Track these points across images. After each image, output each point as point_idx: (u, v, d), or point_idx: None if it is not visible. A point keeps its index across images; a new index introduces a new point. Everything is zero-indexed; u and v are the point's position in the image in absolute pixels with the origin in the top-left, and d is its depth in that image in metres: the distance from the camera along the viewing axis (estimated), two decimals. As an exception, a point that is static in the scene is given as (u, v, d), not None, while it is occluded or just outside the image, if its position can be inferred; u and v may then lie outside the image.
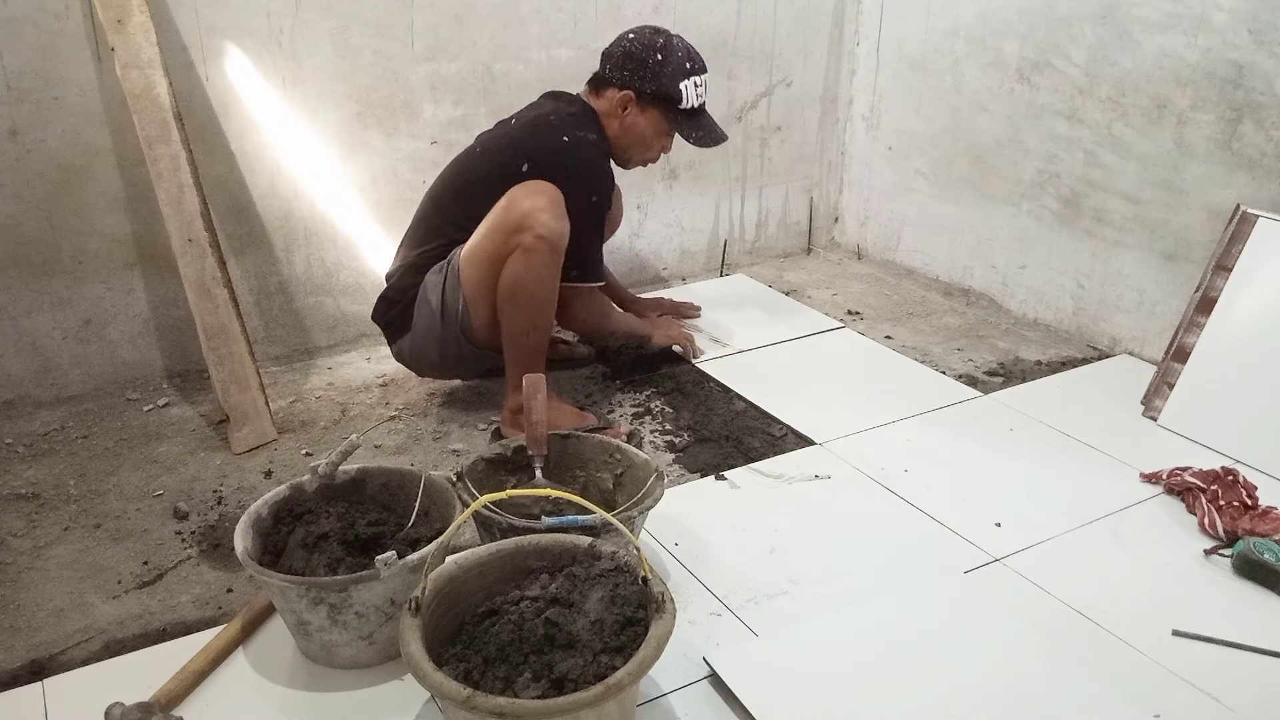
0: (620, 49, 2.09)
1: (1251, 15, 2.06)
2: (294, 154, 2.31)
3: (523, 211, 1.88)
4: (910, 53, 2.88)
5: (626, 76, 2.07)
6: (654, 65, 2.06)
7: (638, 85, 2.07)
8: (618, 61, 2.08)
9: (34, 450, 2.00)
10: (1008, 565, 1.64)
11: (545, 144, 2.02)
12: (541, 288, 1.92)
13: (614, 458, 1.67)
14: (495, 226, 1.92)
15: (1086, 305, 2.54)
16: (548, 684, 1.17)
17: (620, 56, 2.08)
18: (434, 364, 2.12)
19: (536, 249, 1.87)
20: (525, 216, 1.87)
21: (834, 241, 3.32)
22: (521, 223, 1.87)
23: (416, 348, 2.07)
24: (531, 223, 1.87)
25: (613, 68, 2.09)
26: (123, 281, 2.21)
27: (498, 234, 1.91)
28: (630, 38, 2.09)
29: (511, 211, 1.90)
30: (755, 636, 1.47)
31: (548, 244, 1.88)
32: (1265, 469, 1.89)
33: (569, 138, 2.02)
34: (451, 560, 1.32)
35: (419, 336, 2.05)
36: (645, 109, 2.10)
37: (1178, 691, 1.36)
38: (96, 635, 1.47)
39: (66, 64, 2.02)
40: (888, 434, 2.07)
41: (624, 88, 2.08)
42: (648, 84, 2.07)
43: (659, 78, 2.07)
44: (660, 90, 2.07)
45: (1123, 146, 2.36)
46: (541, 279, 1.91)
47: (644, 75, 2.06)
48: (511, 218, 1.89)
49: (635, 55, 2.06)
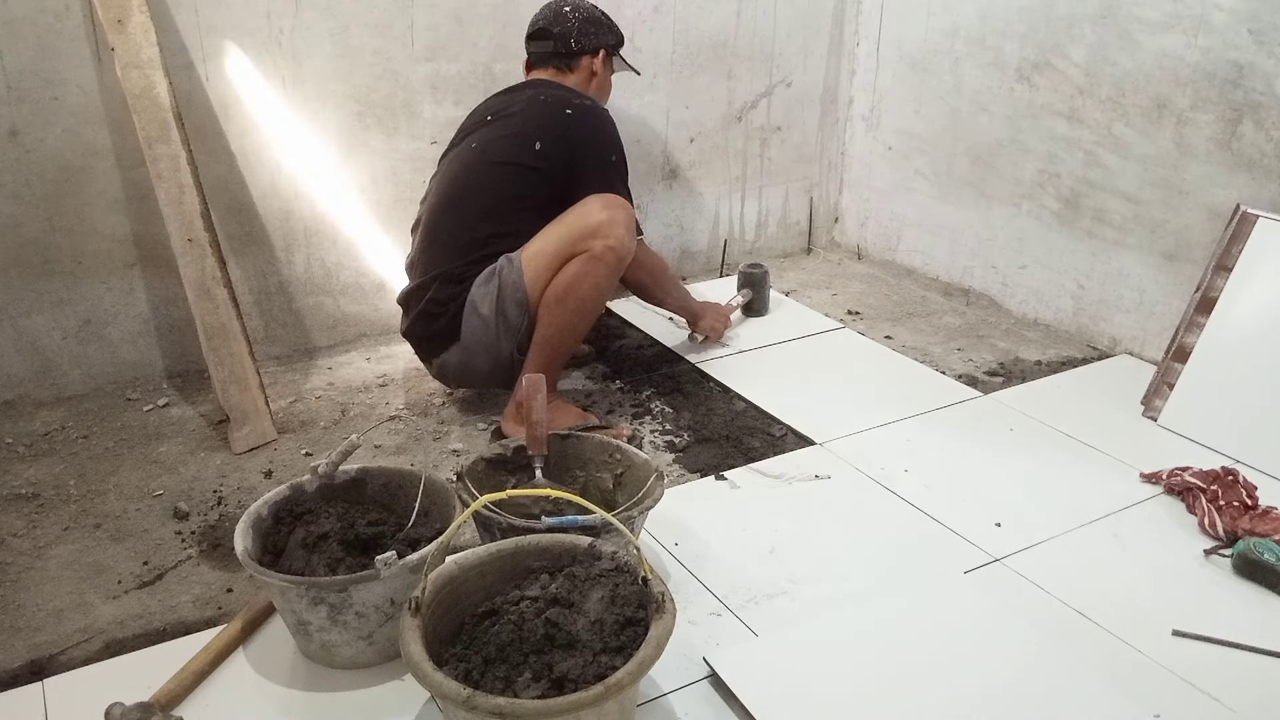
0: (575, 20, 2.18)
1: (1251, 15, 2.06)
2: (294, 154, 2.31)
3: (600, 220, 1.91)
4: (910, 53, 2.88)
5: (594, 40, 2.19)
6: (606, 20, 2.23)
7: (606, 42, 2.21)
8: (580, 30, 2.18)
9: (34, 450, 2.00)
10: (1008, 565, 1.64)
11: (549, 121, 2.04)
12: (595, 294, 1.93)
13: (614, 458, 1.67)
14: (568, 230, 1.93)
15: (1086, 305, 2.54)
16: (548, 684, 1.17)
17: (580, 24, 2.18)
18: (483, 375, 2.06)
19: (604, 258, 1.90)
20: (602, 225, 1.91)
21: (834, 241, 3.32)
22: (597, 230, 1.91)
23: (465, 360, 2.02)
24: (607, 232, 1.90)
25: (579, 37, 2.18)
26: (123, 281, 2.21)
27: (569, 237, 1.93)
28: (567, 9, 2.18)
29: (587, 219, 1.92)
30: (755, 636, 1.47)
31: (616, 256, 1.91)
32: (1265, 469, 1.90)
33: (570, 109, 2.06)
34: (451, 560, 1.32)
35: (470, 349, 2.00)
36: (607, 61, 2.23)
37: (1178, 691, 1.36)
38: (96, 635, 1.47)
39: (66, 64, 2.02)
40: (888, 434, 2.07)
41: (598, 49, 2.20)
42: (609, 37, 2.22)
43: (614, 29, 2.24)
44: (619, 39, 2.25)
45: (1123, 146, 2.36)
46: (599, 287, 1.93)
47: (605, 32, 2.22)
48: (587, 225, 1.92)
49: (591, 19, 2.20)
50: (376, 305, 2.53)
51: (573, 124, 2.04)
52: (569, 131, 2.02)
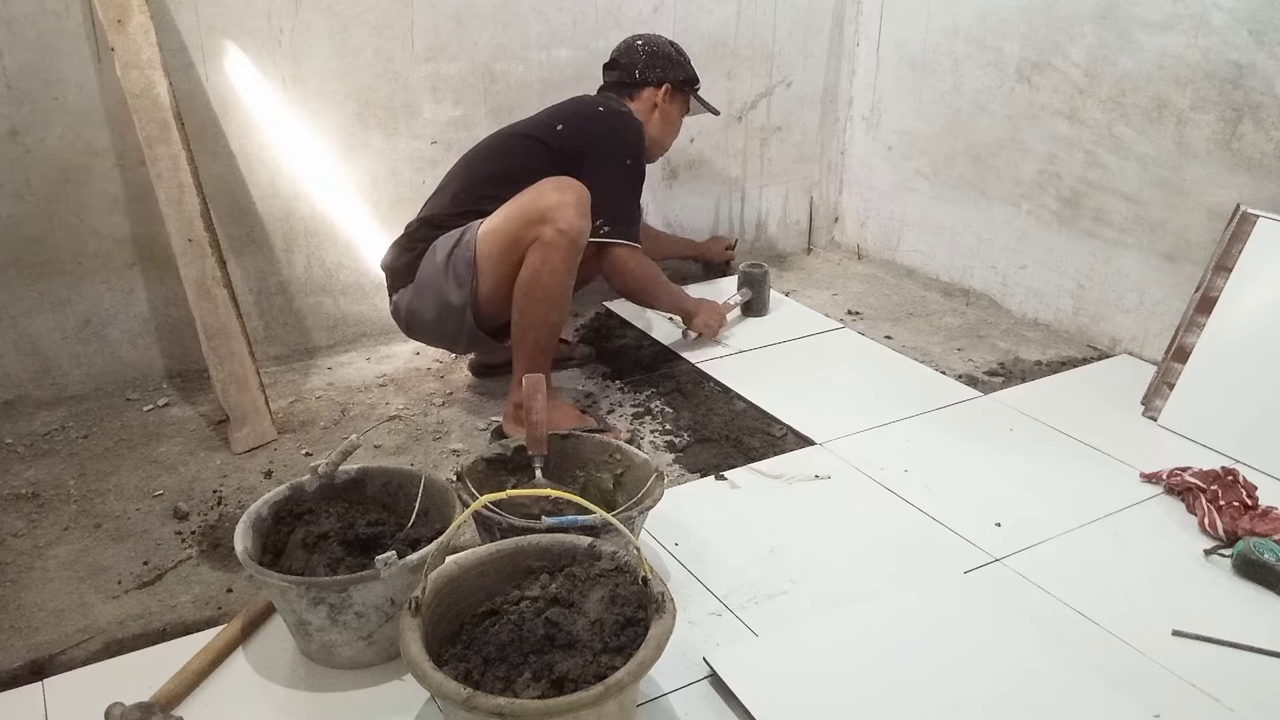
0: (643, 52, 2.31)
1: (1251, 15, 2.06)
2: (294, 154, 2.31)
3: (548, 204, 1.89)
4: (910, 53, 2.88)
5: (661, 72, 2.31)
6: (677, 57, 2.33)
7: (673, 76, 2.31)
8: (647, 62, 2.30)
9: (34, 450, 2.00)
10: (1008, 565, 1.64)
11: (580, 110, 2.19)
12: (557, 282, 1.92)
13: (614, 458, 1.67)
14: (518, 212, 1.93)
15: (1086, 305, 2.54)
16: (548, 684, 1.17)
17: (647, 57, 2.30)
18: (426, 325, 2.07)
19: (556, 244, 1.88)
20: (550, 209, 1.88)
21: (834, 241, 3.32)
22: (545, 215, 1.88)
23: (414, 301, 2.04)
24: (555, 216, 1.88)
25: (644, 69, 2.30)
26: (123, 281, 2.21)
27: (519, 220, 1.92)
28: (640, 43, 2.32)
29: (538, 202, 1.91)
30: (755, 636, 1.47)
31: (568, 239, 1.89)
32: (1265, 469, 1.89)
33: (603, 107, 2.22)
34: (451, 560, 1.32)
35: (418, 291, 2.02)
36: (676, 97, 2.34)
37: (1178, 691, 1.36)
38: (96, 635, 1.47)
39: (66, 64, 2.02)
40: (888, 434, 2.07)
41: (663, 82, 2.30)
42: (679, 73, 2.33)
43: (685, 67, 2.34)
44: (688, 76, 2.35)
45: (1123, 147, 2.36)
46: (558, 273, 1.91)
47: (673, 67, 2.32)
48: (537, 207, 1.90)
49: (660, 53, 2.31)
50: (376, 305, 2.53)
51: (600, 119, 2.15)
52: (594, 124, 2.14)
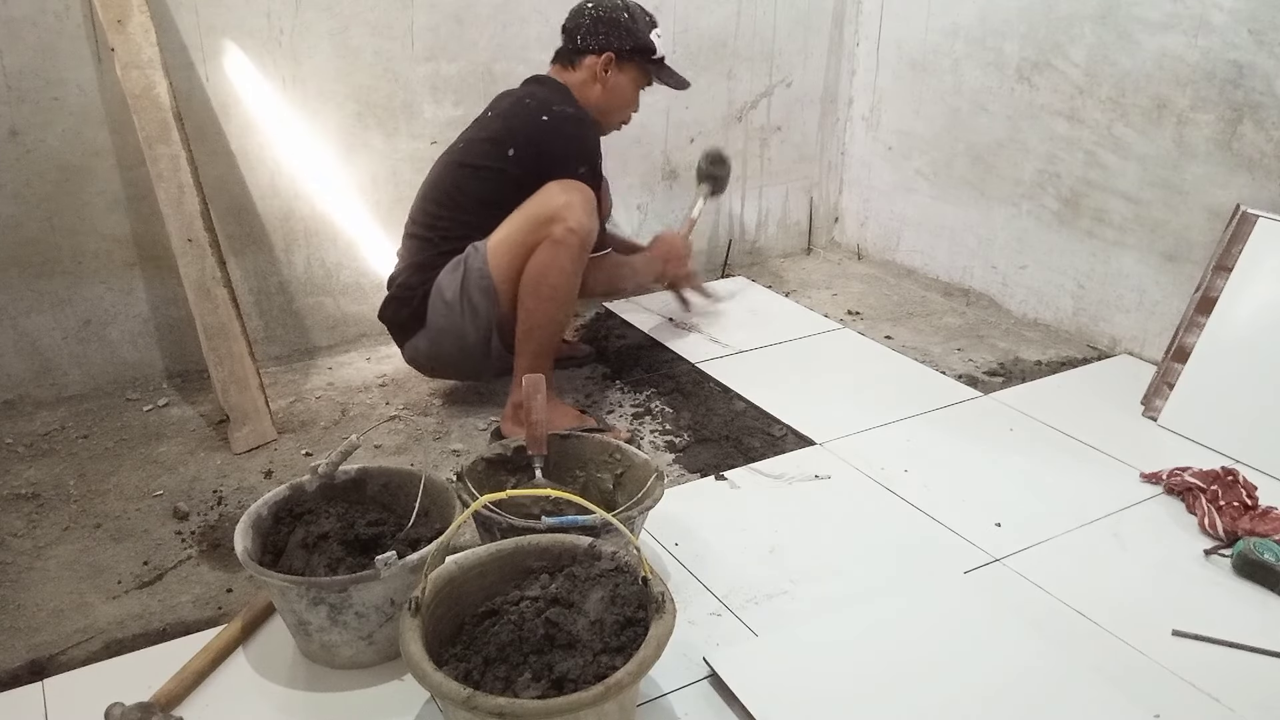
0: (588, 17, 2.12)
1: (1251, 15, 2.06)
2: (294, 154, 2.31)
3: (558, 205, 1.90)
4: (910, 53, 2.88)
5: (604, 40, 2.11)
6: (626, 23, 2.12)
7: (616, 45, 2.12)
8: (589, 29, 2.12)
9: (34, 450, 2.00)
10: (1008, 565, 1.64)
11: (524, 125, 2.03)
12: (565, 280, 1.93)
13: (614, 458, 1.67)
14: (527, 217, 1.93)
15: (1086, 305, 2.54)
16: (548, 684, 1.17)
17: (591, 23, 2.12)
18: (452, 361, 2.09)
19: (566, 242, 1.89)
20: (561, 209, 1.90)
21: (834, 241, 3.32)
22: (555, 215, 1.90)
23: (433, 345, 2.05)
24: (565, 215, 1.89)
25: (585, 36, 2.12)
26: (123, 281, 2.21)
27: (529, 224, 1.92)
28: (590, 6, 2.14)
29: (546, 205, 1.92)
30: (755, 636, 1.47)
31: (578, 239, 1.90)
32: (1265, 469, 1.90)
33: (547, 115, 2.03)
34: (451, 560, 1.32)
35: (436, 334, 2.03)
36: (624, 67, 2.14)
37: (1178, 691, 1.36)
38: (96, 635, 1.47)
39: (66, 64, 2.02)
40: (888, 434, 2.07)
41: (603, 51, 2.11)
42: (625, 41, 2.12)
43: (634, 34, 2.13)
44: (637, 45, 2.13)
45: (1123, 146, 2.36)
46: (566, 272, 1.92)
47: (620, 35, 2.12)
48: (546, 210, 1.91)
49: (606, 19, 2.12)
50: (376, 305, 2.50)
51: (546, 131, 2.01)
52: (541, 139, 2.00)
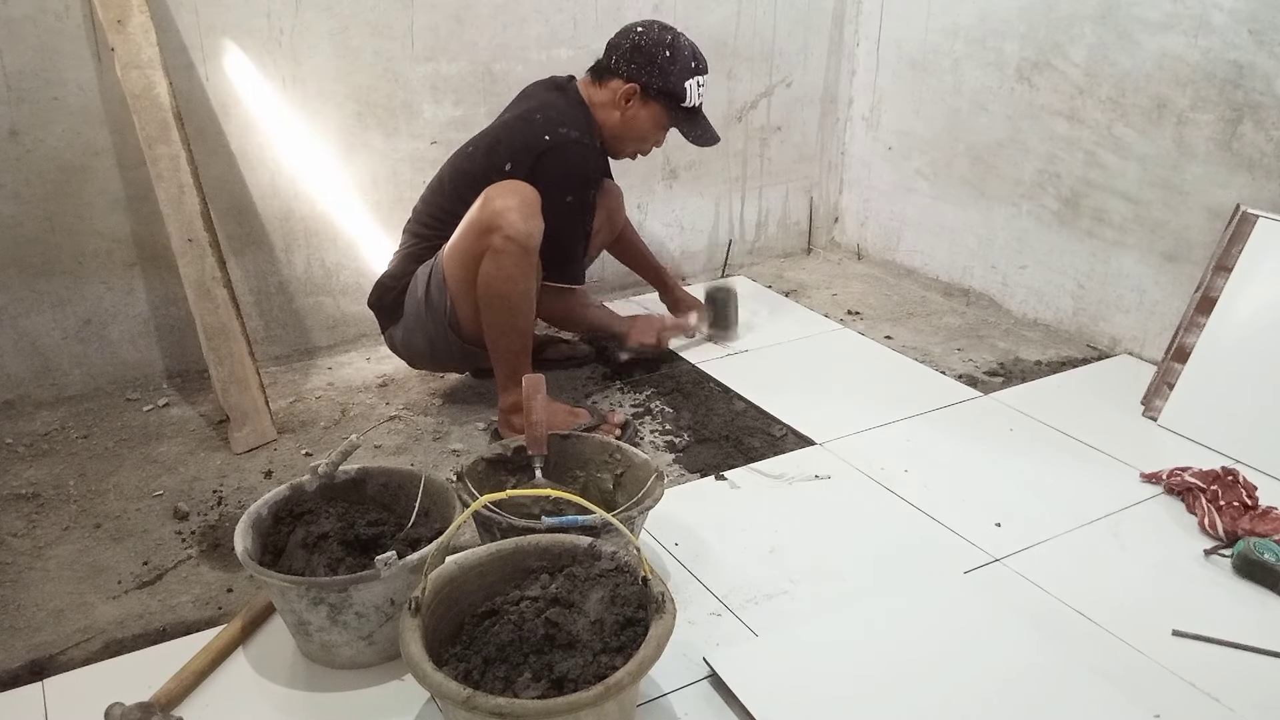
0: (629, 42, 2.06)
1: (1251, 15, 2.06)
2: (294, 154, 2.31)
3: (493, 211, 1.88)
4: (910, 53, 2.88)
5: (634, 70, 2.05)
6: (662, 62, 2.05)
7: (644, 80, 2.05)
8: (626, 54, 2.05)
9: (34, 450, 2.00)
10: (1008, 565, 1.64)
11: (524, 142, 2.00)
12: (513, 288, 1.90)
13: (614, 458, 1.67)
14: (470, 225, 1.93)
15: (1086, 305, 2.54)
16: (548, 684, 1.17)
17: (629, 50, 2.05)
18: (422, 354, 2.14)
19: (505, 250, 1.87)
20: (495, 216, 1.87)
21: (834, 241, 3.32)
22: (491, 222, 1.87)
23: (405, 336, 2.11)
24: (500, 223, 1.86)
25: (620, 60, 2.06)
26: (123, 281, 2.21)
27: (472, 233, 1.92)
28: (639, 31, 2.07)
29: (484, 211, 1.90)
30: (755, 636, 1.47)
31: (516, 245, 1.86)
32: (1265, 469, 1.90)
33: (550, 136, 1.99)
34: (451, 560, 1.32)
35: (407, 325, 2.09)
36: (647, 103, 2.08)
37: (1178, 691, 1.36)
38: (96, 635, 1.47)
39: (66, 64, 2.02)
40: (888, 434, 2.07)
41: (630, 80, 2.05)
42: (654, 80, 2.05)
43: (666, 75, 2.05)
44: (666, 87, 2.06)
45: (1123, 146, 2.36)
46: (512, 279, 1.89)
47: (651, 71, 2.05)
48: (484, 217, 1.90)
49: (644, 50, 2.05)
50: (376, 305, 2.53)
51: (543, 155, 1.98)
52: (538, 162, 1.97)
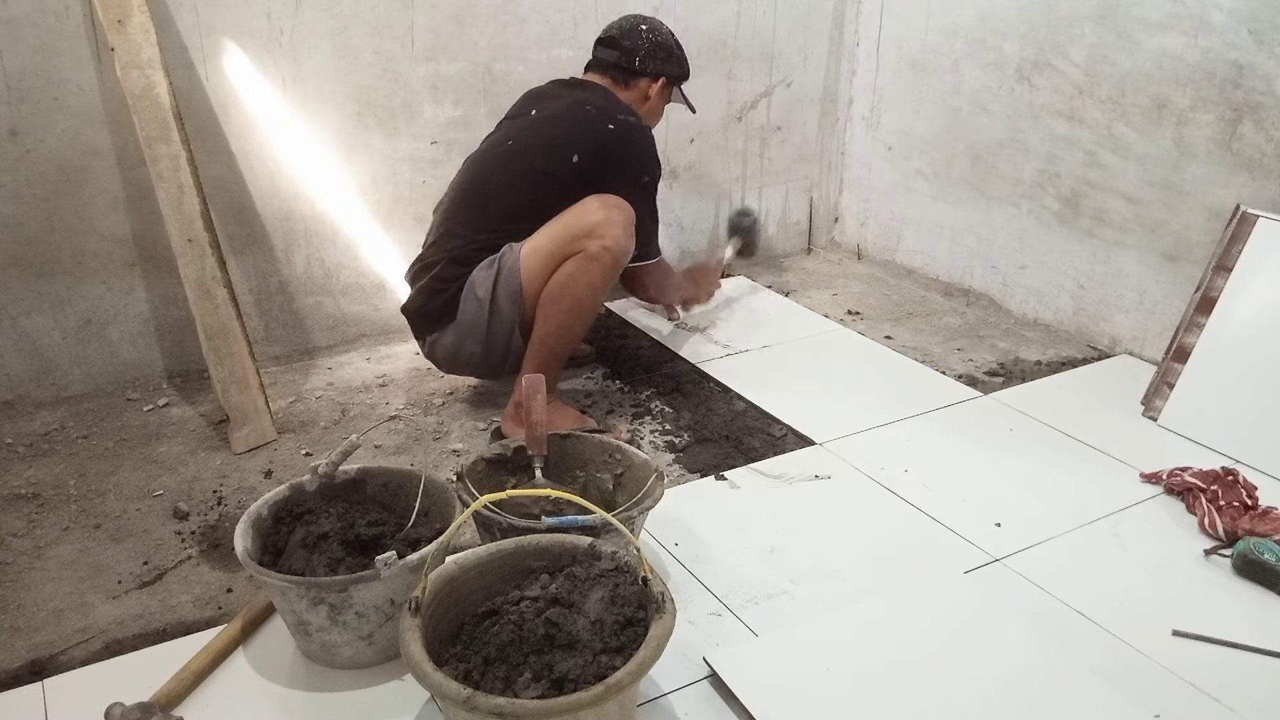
0: (645, 41, 2.19)
1: (1251, 15, 2.06)
2: (294, 154, 2.31)
3: (597, 220, 1.91)
4: (910, 53, 2.88)
5: (660, 66, 2.21)
6: (677, 51, 2.25)
7: (669, 71, 2.23)
8: (649, 53, 2.19)
9: (34, 450, 2.00)
10: (1008, 565, 1.64)
11: (591, 133, 2.04)
12: (591, 295, 1.93)
13: (614, 458, 1.67)
14: (566, 228, 1.93)
15: (1086, 305, 2.54)
16: (548, 684, 1.17)
17: (650, 48, 2.19)
18: (472, 358, 2.06)
19: (600, 258, 1.90)
20: (599, 225, 1.91)
21: (834, 241, 3.32)
22: (593, 230, 1.91)
23: (457, 341, 2.03)
24: (603, 232, 1.90)
25: (645, 58, 2.19)
26: (123, 281, 2.21)
27: (566, 235, 1.93)
28: (644, 29, 2.20)
29: (585, 218, 1.92)
30: (755, 636, 1.47)
31: (612, 256, 1.91)
32: (1265, 469, 1.90)
33: (614, 124, 2.06)
34: (451, 560, 1.32)
35: (462, 330, 2.01)
36: (664, 91, 2.25)
37: (1178, 691, 1.36)
38: (96, 635, 1.47)
39: (66, 64, 2.02)
40: (888, 434, 2.07)
41: (658, 76, 2.21)
42: (675, 69, 2.24)
43: (682, 64, 2.27)
44: (683, 72, 2.28)
45: (1123, 146, 2.36)
46: (595, 288, 1.93)
47: (671, 62, 2.23)
48: (584, 224, 1.92)
49: (662, 45, 2.21)
50: (376, 305, 2.53)
51: (614, 140, 2.04)
52: (608, 147, 2.03)
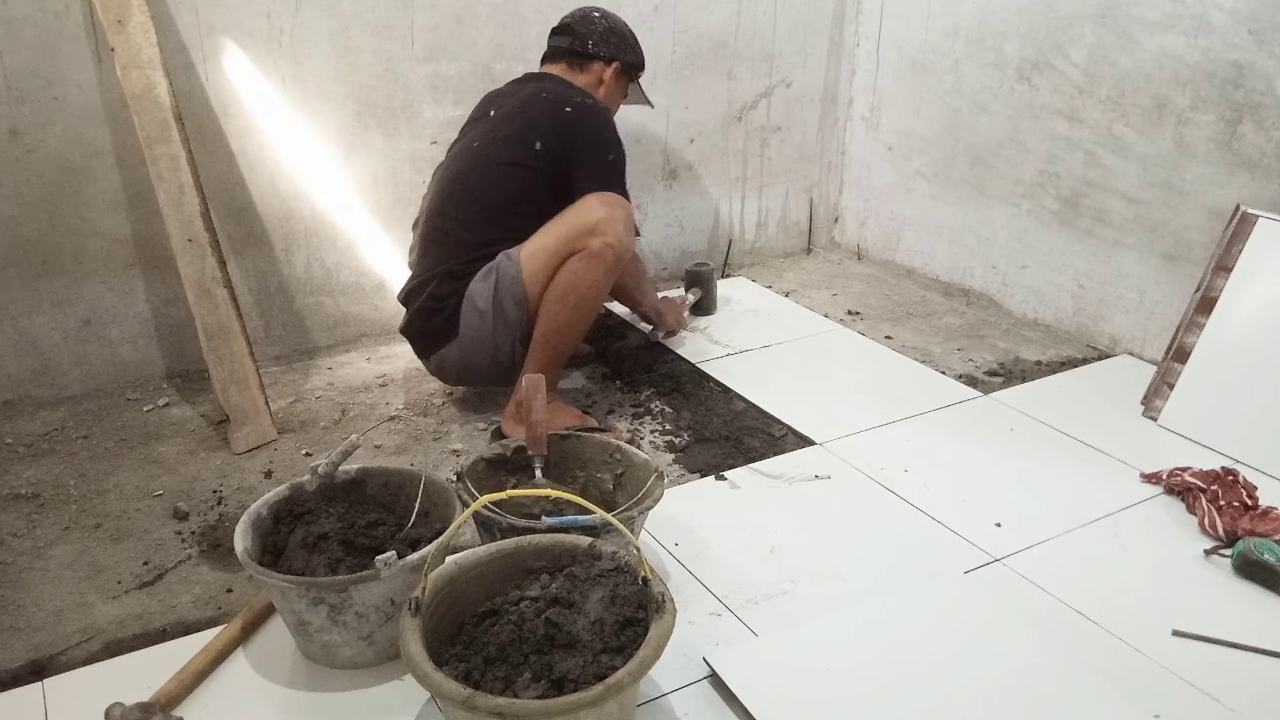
0: (599, 26, 2.21)
1: (1251, 15, 2.06)
2: (294, 154, 2.31)
3: (599, 218, 1.92)
4: (910, 53, 2.88)
5: (614, 50, 2.22)
6: (631, 41, 2.26)
7: (623, 57, 2.23)
8: (602, 37, 2.20)
9: (34, 450, 2.00)
10: (1008, 565, 1.64)
11: (549, 118, 2.04)
12: (594, 293, 1.94)
13: (614, 458, 1.67)
14: (567, 227, 1.94)
15: (1086, 305, 2.54)
16: (548, 684, 1.17)
17: (603, 33, 2.21)
18: (481, 371, 2.06)
19: (603, 255, 1.91)
20: (601, 223, 1.91)
21: (834, 242, 3.32)
22: (595, 227, 1.91)
23: (464, 356, 2.02)
24: (605, 229, 1.90)
25: (598, 43, 2.20)
26: (123, 281, 2.21)
27: (568, 234, 1.93)
28: (597, 15, 2.23)
29: (587, 216, 1.93)
30: (755, 636, 1.47)
31: (614, 254, 1.92)
32: (1265, 469, 1.90)
33: (571, 106, 2.06)
34: (451, 560, 1.32)
35: (467, 344, 2.00)
36: (619, 78, 2.24)
37: (1178, 691, 1.36)
38: (96, 635, 1.47)
39: (66, 64, 2.02)
40: (888, 434, 2.07)
41: (611, 61, 2.21)
42: (629, 56, 2.25)
43: (636, 51, 2.27)
44: (637, 61, 2.28)
45: (1123, 146, 2.36)
46: (598, 285, 1.93)
47: (627, 49, 2.24)
48: (586, 222, 1.92)
49: (616, 31, 2.23)
50: (376, 305, 2.53)
51: (571, 122, 2.03)
52: (568, 130, 2.02)
